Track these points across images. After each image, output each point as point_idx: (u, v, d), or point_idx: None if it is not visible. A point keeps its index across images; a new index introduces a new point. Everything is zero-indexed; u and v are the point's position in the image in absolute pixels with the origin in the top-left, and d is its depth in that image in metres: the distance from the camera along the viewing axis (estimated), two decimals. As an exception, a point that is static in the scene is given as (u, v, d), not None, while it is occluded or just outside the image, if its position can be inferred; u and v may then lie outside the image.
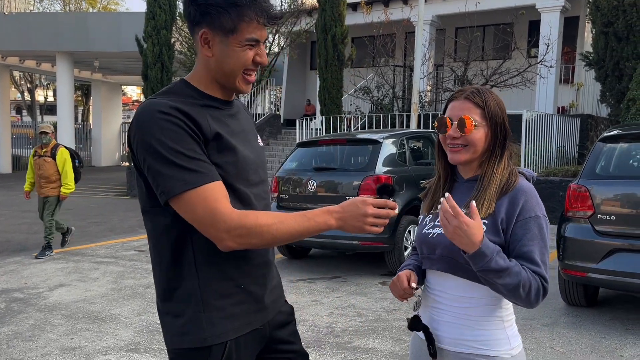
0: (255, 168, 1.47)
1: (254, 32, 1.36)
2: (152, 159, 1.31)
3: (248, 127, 1.53)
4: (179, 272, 1.40)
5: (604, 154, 4.42)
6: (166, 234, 1.39)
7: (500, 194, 1.46)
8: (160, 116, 1.31)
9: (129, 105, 46.11)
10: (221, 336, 1.39)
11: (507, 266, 1.35)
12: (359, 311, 4.60)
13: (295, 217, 1.36)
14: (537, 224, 1.43)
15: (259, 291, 1.47)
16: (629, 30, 10.01)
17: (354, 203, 1.37)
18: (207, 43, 1.38)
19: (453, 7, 13.68)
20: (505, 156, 1.50)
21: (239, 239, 1.32)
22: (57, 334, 4.09)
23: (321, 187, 5.89)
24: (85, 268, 6.20)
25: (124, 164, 23.03)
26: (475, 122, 1.47)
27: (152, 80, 13.86)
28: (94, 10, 30.21)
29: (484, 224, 1.44)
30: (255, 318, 1.46)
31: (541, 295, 1.40)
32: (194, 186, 1.30)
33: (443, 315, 1.50)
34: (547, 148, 10.51)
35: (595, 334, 4.02)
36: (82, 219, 10.13)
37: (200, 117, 1.35)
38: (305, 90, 18.85)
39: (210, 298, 1.39)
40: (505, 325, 1.48)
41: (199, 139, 1.33)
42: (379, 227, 1.38)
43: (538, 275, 1.40)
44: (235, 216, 1.31)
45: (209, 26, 1.36)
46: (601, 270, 4.07)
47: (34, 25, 17.30)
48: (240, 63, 1.39)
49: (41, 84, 34.37)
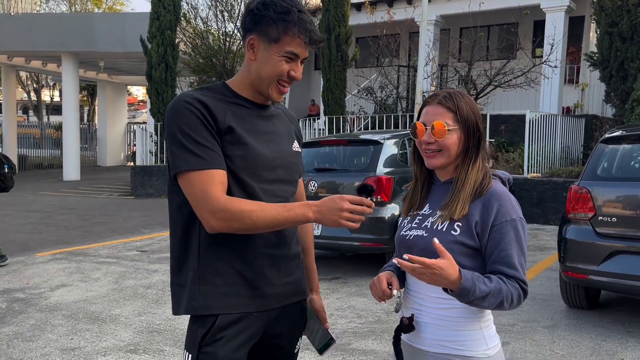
0: (272, 166, 1.59)
1: (294, 47, 1.53)
2: (170, 139, 1.51)
3: (282, 131, 1.67)
4: (187, 248, 1.56)
5: (605, 155, 4.39)
6: (179, 211, 1.57)
7: (475, 197, 1.47)
8: (184, 104, 1.50)
9: (134, 105, 46.28)
10: (211, 309, 1.53)
11: (490, 290, 1.38)
12: (358, 312, 4.59)
13: (276, 207, 1.48)
14: (513, 227, 1.45)
15: (255, 279, 1.57)
16: (633, 30, 9.95)
17: (332, 199, 1.48)
18: (252, 48, 1.56)
19: (457, 7, 13.64)
20: (480, 158, 1.52)
21: (221, 222, 1.45)
22: (57, 334, 4.10)
23: (322, 188, 5.88)
24: (87, 268, 6.22)
25: (129, 164, 23.10)
26: (448, 127, 1.48)
27: (156, 81, 13.90)
28: (99, 11, 30.33)
29: (457, 226, 1.46)
30: (248, 302, 1.56)
31: (522, 299, 1.44)
32: (195, 168, 1.46)
33: (422, 316, 1.52)
34: (551, 148, 10.46)
35: (596, 336, 4.00)
36: (85, 218, 10.17)
37: (219, 110, 1.52)
38: (309, 90, 18.85)
39: (207, 274, 1.54)
40: (482, 325, 1.49)
41: (213, 129, 1.49)
42: (355, 223, 1.47)
43: (516, 280, 1.42)
44: (222, 200, 1.45)
45: (257, 33, 1.54)
46: (602, 272, 4.04)
47: (40, 25, 17.39)
48: (275, 71, 1.54)
49: (47, 84, 34.55)
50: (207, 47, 14.64)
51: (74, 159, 18.19)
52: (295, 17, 1.51)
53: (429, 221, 1.52)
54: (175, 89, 14.42)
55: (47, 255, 6.90)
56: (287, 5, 1.51)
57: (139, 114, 42.64)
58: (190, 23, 15.11)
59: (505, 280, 1.41)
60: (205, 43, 14.70)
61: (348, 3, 13.21)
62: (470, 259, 1.45)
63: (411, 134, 1.55)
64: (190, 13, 15.24)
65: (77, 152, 18.40)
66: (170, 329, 4.19)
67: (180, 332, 4.11)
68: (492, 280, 1.40)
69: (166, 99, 13.95)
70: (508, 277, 1.42)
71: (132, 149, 24.14)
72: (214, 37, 15.15)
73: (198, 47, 14.65)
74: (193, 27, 15.07)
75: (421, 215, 1.55)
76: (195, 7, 15.34)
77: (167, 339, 3.99)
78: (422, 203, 1.59)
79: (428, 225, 1.51)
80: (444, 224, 1.47)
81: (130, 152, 24.86)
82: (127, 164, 24.48)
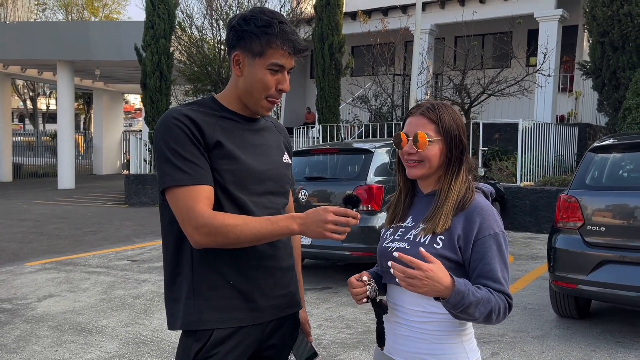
0: (263, 179, 1.60)
1: (278, 58, 1.53)
2: (157, 155, 1.52)
3: (272, 143, 1.68)
4: (180, 262, 1.56)
5: (595, 164, 4.39)
6: (170, 226, 1.56)
7: (457, 210, 1.46)
8: (172, 120, 1.51)
9: (131, 113, 46.25)
10: (206, 323, 1.52)
11: (481, 296, 1.37)
12: (348, 323, 4.56)
13: (260, 221, 1.48)
14: (495, 242, 1.44)
15: (250, 291, 1.56)
16: (624, 39, 10.00)
17: (316, 210, 1.47)
18: (238, 64, 1.57)
19: (451, 16, 13.70)
20: (464, 170, 1.52)
21: (205, 237, 1.45)
22: (41, 346, 4.06)
23: (313, 197, 5.86)
24: (76, 278, 6.17)
25: (124, 173, 23.07)
26: (429, 138, 1.48)
27: (150, 89, 13.90)
28: (96, 19, 30.40)
29: (440, 239, 1.45)
30: (244, 316, 1.55)
31: (508, 313, 1.43)
32: (180, 184, 1.47)
33: (402, 329, 1.50)
34: (545, 157, 10.47)
35: (586, 346, 3.97)
36: (78, 227, 10.12)
37: (207, 125, 1.53)
38: (305, 98, 18.87)
39: (201, 288, 1.53)
40: (463, 339, 1.48)
41: (200, 144, 1.50)
42: (341, 235, 1.46)
43: (502, 294, 1.42)
44: (206, 215, 1.45)
45: (241, 49, 1.55)
46: (591, 282, 4.02)
47: (36, 34, 17.40)
48: (262, 86, 1.55)
49: (44, 92, 34.55)
50: (202, 56, 14.66)
51: (69, 167, 18.14)
52: (277, 29, 1.51)
53: (412, 234, 1.51)
54: (169, 97, 14.43)
55: (36, 265, 6.85)
56: (267, 18, 1.52)
57: (136, 122, 42.64)
58: (185, 31, 15.14)
59: (493, 293, 1.41)
60: (200, 51, 14.73)
61: (341, 12, 13.26)
62: (453, 273, 1.43)
63: (394, 144, 1.55)
64: (185, 22, 15.27)
65: (72, 161, 18.35)
66: (157, 340, 4.15)
67: (167, 344, 4.07)
68: (481, 288, 1.39)
69: (161, 107, 13.95)
70: (494, 291, 1.41)
71: (127, 157, 24.11)
72: (209, 46, 15.18)
73: (193, 56, 14.67)
74: (188, 36, 15.10)
75: (404, 228, 1.54)
76: (190, 16, 15.39)
77: (153, 351, 3.94)
78: (404, 215, 1.58)
79: (410, 238, 1.50)
80: (426, 237, 1.47)
81: (126, 160, 24.82)
82: (122, 172, 24.43)
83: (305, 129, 13.46)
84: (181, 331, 1.59)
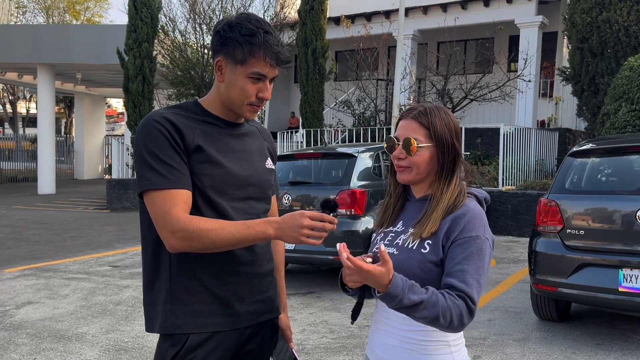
0: (244, 185, 1.59)
1: (260, 68, 1.51)
2: (137, 157, 1.51)
3: (254, 149, 1.67)
4: (158, 266, 1.55)
5: (574, 168, 4.45)
6: (149, 230, 1.55)
7: (447, 214, 1.44)
8: (152, 123, 1.50)
9: (113, 117, 45.74)
10: (182, 327, 1.52)
11: (421, 300, 1.30)
12: (331, 327, 4.55)
13: (236, 225, 1.47)
14: (476, 245, 1.39)
15: (227, 297, 1.56)
16: (603, 46, 10.18)
17: (292, 215, 1.46)
18: (220, 70, 1.55)
19: (433, 22, 13.84)
20: (457, 176, 1.48)
21: (181, 242, 1.44)
22: (19, 354, 3.98)
23: (296, 201, 5.85)
24: (55, 285, 6.08)
25: (106, 177, 22.81)
26: (418, 144, 1.45)
27: (133, 93, 13.78)
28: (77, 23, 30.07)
29: (427, 244, 1.42)
30: (220, 321, 1.55)
31: (465, 318, 1.33)
32: (157, 187, 1.46)
33: (390, 338, 1.47)
34: (526, 161, 10.59)
35: (566, 349, 4.01)
36: (58, 233, 9.97)
37: (188, 129, 1.52)
38: (289, 103, 18.87)
39: (178, 292, 1.53)
40: (452, 349, 1.44)
41: (180, 148, 1.49)
42: (317, 240, 1.44)
43: (463, 296, 1.33)
44: (181, 220, 1.44)
45: (224, 55, 1.53)
46: (571, 284, 4.07)
47: (15, 36, 17.14)
48: (243, 93, 1.53)
49: (23, 96, 34.03)
50: (185, 60, 14.59)
51: (49, 172, 17.87)
52: (261, 39, 1.49)
53: (401, 239, 1.48)
54: (152, 101, 14.32)
55: (15, 272, 6.73)
56: (252, 27, 1.50)
57: (118, 127, 42.19)
58: (168, 35, 15.06)
59: (446, 295, 1.33)
60: (183, 55, 14.65)
61: (325, 17, 13.30)
62: (439, 277, 1.41)
63: (385, 147, 1.53)
64: (168, 25, 15.19)
65: (52, 166, 18.08)
66: (138, 347, 4.10)
67: (148, 350, 4.02)
68: (430, 293, 1.32)
69: (143, 111, 13.83)
70: (456, 291, 1.34)
71: (109, 162, 23.82)
72: (192, 50, 15.11)
73: (176, 60, 14.59)
74: (171, 40, 15.02)
75: (394, 232, 1.53)
76: (173, 20, 15.32)
77: (134, 358, 3.89)
78: (395, 219, 1.56)
79: (400, 243, 1.48)
80: (414, 242, 1.44)
81: (107, 164, 24.53)
82: (104, 177, 24.14)
83: (289, 134, 13.45)
84: (159, 336, 1.58)
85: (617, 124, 7.72)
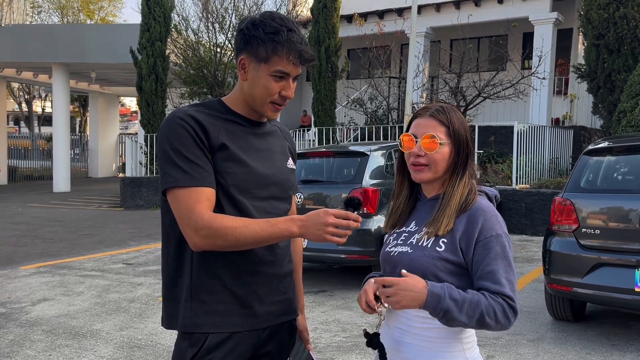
0: (266, 184, 1.58)
1: (283, 66, 1.50)
2: (161, 155, 1.50)
3: (277, 148, 1.66)
4: (181, 263, 1.55)
5: (589, 167, 4.40)
6: (171, 228, 1.54)
7: (460, 212, 1.44)
8: (177, 121, 1.49)
9: (127, 116, 46.13)
10: (201, 327, 1.52)
11: (463, 298, 1.33)
12: (343, 326, 4.55)
13: (260, 223, 1.46)
14: (499, 243, 1.41)
15: (247, 297, 1.55)
16: (619, 42, 10.04)
17: (317, 213, 1.44)
18: (243, 68, 1.55)
19: (446, 19, 13.75)
20: (467, 174, 1.49)
21: (205, 239, 1.43)
22: (35, 351, 4.03)
23: (309, 200, 5.85)
24: (70, 282, 6.14)
25: (120, 175, 23.01)
26: (440, 141, 1.45)
27: (146, 92, 13.88)
28: (91, 22, 30.34)
29: (442, 242, 1.43)
30: (240, 321, 1.54)
31: (511, 316, 1.37)
32: (182, 185, 1.45)
33: (404, 336, 1.47)
34: (540, 160, 10.49)
35: (581, 349, 3.97)
36: (73, 231, 10.08)
37: (213, 127, 1.51)
38: (301, 101, 18.88)
39: (198, 291, 1.52)
40: (465, 347, 1.44)
41: (204, 146, 1.48)
42: (341, 238, 1.43)
43: (502, 295, 1.37)
44: (205, 217, 1.43)
45: (247, 53, 1.53)
46: (586, 284, 4.02)
47: (31, 36, 17.34)
48: (266, 92, 1.52)
49: (39, 95, 34.44)
50: (198, 59, 14.65)
51: (64, 170, 18.08)
52: (284, 37, 1.48)
53: (415, 238, 1.48)
54: (165, 100, 14.41)
55: (31, 269, 6.81)
56: (276, 25, 1.49)
57: (132, 125, 42.54)
58: (181, 34, 15.13)
59: (486, 295, 1.35)
60: (196, 54, 14.71)
61: (338, 15, 13.28)
62: (456, 278, 1.42)
63: (400, 146, 1.50)
64: (181, 24, 15.27)
65: (67, 164, 18.28)
66: (152, 344, 4.13)
67: (161, 347, 4.05)
68: (468, 291, 1.35)
69: (156, 110, 13.93)
70: (492, 293, 1.36)
71: (123, 160, 24.03)
72: (205, 49, 15.17)
73: (189, 59, 14.65)
74: (184, 39, 15.09)
75: (407, 232, 1.52)
76: (186, 19, 15.38)
77: (147, 355, 3.92)
78: (407, 219, 1.55)
79: (413, 242, 1.48)
80: (429, 240, 1.44)
81: (121, 163, 24.74)
82: (118, 175, 24.35)
83: (302, 132, 13.46)
84: (177, 333, 1.57)
85: (633, 121, 7.61)
